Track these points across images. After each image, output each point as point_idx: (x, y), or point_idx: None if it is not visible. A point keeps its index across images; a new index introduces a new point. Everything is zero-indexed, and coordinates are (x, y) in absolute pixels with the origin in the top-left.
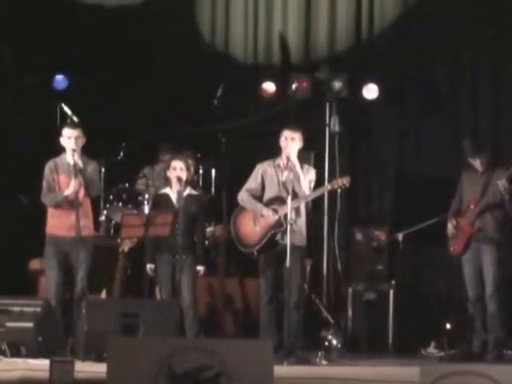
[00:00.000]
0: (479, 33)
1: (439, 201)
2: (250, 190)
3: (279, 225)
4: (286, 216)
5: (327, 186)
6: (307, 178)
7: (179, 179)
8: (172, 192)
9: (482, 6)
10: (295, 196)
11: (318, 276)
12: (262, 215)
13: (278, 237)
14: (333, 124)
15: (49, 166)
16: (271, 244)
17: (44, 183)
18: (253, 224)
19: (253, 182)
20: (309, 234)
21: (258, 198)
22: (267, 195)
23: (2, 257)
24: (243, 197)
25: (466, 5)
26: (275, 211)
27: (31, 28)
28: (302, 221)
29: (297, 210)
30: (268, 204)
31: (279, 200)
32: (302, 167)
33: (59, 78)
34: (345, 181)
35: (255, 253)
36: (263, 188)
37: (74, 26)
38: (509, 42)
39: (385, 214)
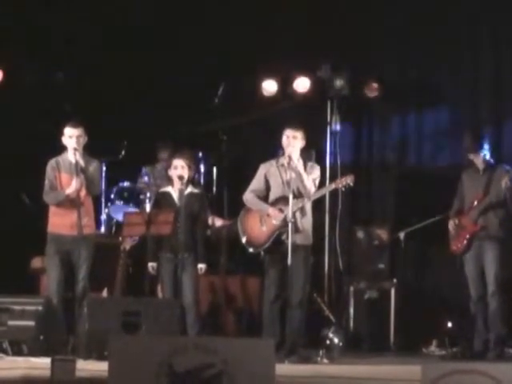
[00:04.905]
0: (479, 31)
1: (441, 199)
2: (254, 191)
3: (285, 224)
4: (291, 215)
5: (332, 185)
6: (311, 176)
7: (181, 178)
8: (173, 190)
9: (482, 5)
10: (300, 195)
11: (320, 274)
12: (269, 215)
13: (284, 236)
14: (334, 122)
15: (51, 165)
16: (277, 243)
17: (46, 182)
18: (259, 224)
19: (257, 183)
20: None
21: (263, 198)
22: (272, 195)
23: (3, 255)
24: (248, 198)
25: (465, 5)
26: (281, 211)
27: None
28: (308, 220)
29: (302, 210)
30: (274, 204)
31: (285, 200)
32: (305, 165)
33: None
34: (349, 179)
35: (262, 253)
36: (268, 188)
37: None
38: (509, 40)
39: (386, 213)
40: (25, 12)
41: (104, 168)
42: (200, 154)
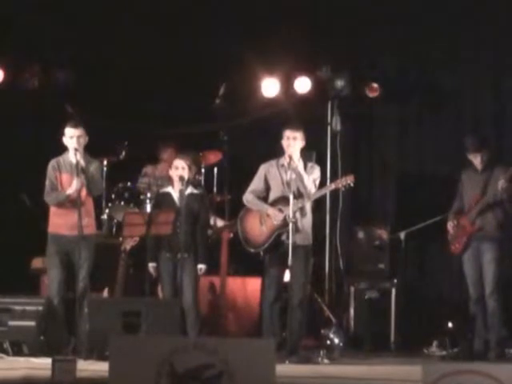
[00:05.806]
0: (480, 32)
1: (441, 200)
2: (254, 191)
3: (285, 224)
4: (292, 215)
5: (332, 185)
6: (311, 176)
7: (181, 178)
8: (174, 191)
9: (482, 5)
10: (300, 195)
11: (320, 274)
12: (268, 215)
13: (284, 236)
14: (335, 123)
15: (52, 165)
16: (277, 243)
17: (47, 182)
18: (259, 224)
19: (257, 183)
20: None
21: (263, 198)
22: (272, 195)
23: (4, 255)
24: (248, 198)
25: (466, 5)
26: (281, 211)
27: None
28: (308, 220)
29: (302, 210)
30: (274, 204)
31: (284, 200)
32: (306, 165)
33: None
34: (349, 180)
35: (261, 253)
36: (268, 189)
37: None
38: (509, 40)
39: (387, 213)
40: (25, 11)
41: (105, 168)
42: (201, 155)
